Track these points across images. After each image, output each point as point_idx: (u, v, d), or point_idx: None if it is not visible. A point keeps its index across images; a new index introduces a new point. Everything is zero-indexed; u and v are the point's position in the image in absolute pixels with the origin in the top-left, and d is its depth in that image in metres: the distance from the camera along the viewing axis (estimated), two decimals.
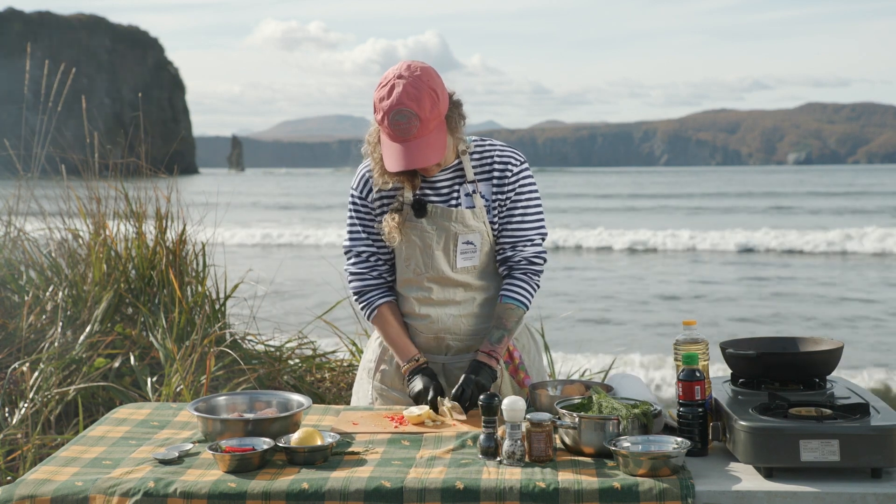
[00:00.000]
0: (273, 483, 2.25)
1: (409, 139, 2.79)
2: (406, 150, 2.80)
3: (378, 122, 2.85)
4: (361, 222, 3.06)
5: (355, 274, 3.08)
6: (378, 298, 3.06)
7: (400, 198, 2.98)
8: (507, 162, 3.00)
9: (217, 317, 5.31)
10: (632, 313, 14.03)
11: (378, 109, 2.82)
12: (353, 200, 3.08)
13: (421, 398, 2.90)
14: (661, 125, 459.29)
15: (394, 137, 2.81)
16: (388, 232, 2.96)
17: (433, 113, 2.80)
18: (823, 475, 2.27)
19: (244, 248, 24.40)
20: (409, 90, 2.77)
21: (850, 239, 23.86)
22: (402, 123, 2.78)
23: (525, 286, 3.01)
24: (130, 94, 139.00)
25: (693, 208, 43.14)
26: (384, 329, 3.05)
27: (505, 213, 3.00)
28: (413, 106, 2.77)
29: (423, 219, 2.96)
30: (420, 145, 2.80)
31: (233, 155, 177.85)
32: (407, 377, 2.99)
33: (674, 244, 24.94)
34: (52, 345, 4.90)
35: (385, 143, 2.85)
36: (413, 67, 2.82)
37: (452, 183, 2.99)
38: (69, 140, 6.10)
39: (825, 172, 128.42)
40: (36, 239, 5.77)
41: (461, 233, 2.96)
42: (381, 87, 2.82)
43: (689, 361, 2.47)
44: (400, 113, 2.77)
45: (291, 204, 52.44)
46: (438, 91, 2.82)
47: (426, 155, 2.81)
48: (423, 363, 2.99)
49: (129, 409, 2.98)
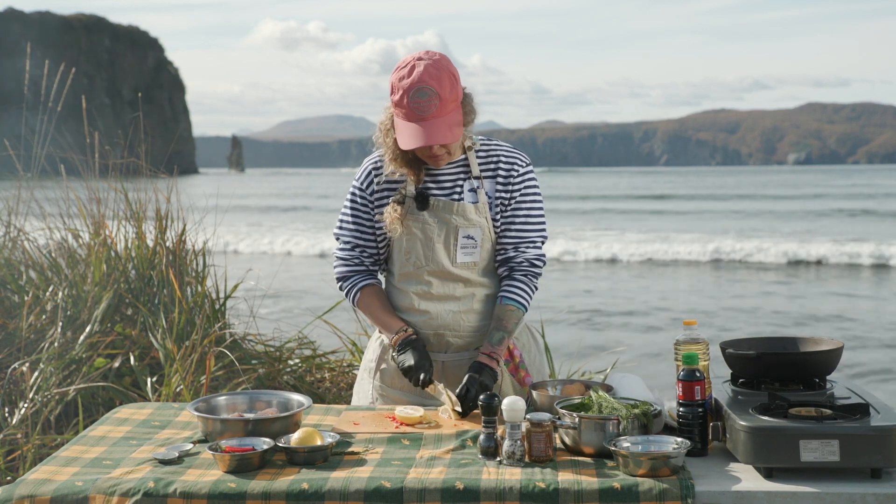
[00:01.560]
0: (273, 483, 2.25)
1: (426, 118, 2.81)
2: (423, 128, 2.82)
3: (395, 103, 2.86)
4: (354, 213, 3.08)
5: (341, 259, 3.12)
6: (360, 281, 3.08)
7: (403, 190, 2.99)
8: (514, 162, 3.02)
9: (217, 317, 5.31)
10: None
11: (397, 89, 2.84)
12: (353, 191, 3.10)
13: (410, 374, 2.89)
14: (661, 125, 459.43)
15: (411, 117, 2.83)
16: (390, 223, 2.97)
17: (452, 94, 2.85)
18: (823, 475, 2.27)
19: (247, 252, 24.28)
20: (431, 70, 2.82)
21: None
22: (422, 101, 2.80)
23: (525, 288, 3.02)
24: (130, 94, 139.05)
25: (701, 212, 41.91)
26: (370, 309, 3.06)
27: (508, 214, 3.01)
28: (434, 84, 2.81)
29: (425, 211, 2.97)
30: (437, 124, 2.82)
31: (233, 155, 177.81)
32: (396, 349, 2.96)
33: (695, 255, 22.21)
34: (51, 345, 4.90)
35: (400, 125, 2.86)
36: (432, 53, 2.88)
37: (456, 178, 3.00)
38: (69, 140, 6.09)
39: (825, 173, 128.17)
40: (36, 239, 5.77)
41: (462, 226, 2.97)
42: (400, 68, 2.86)
43: (690, 361, 2.47)
44: (420, 91, 2.80)
45: (308, 206, 50.58)
46: (456, 75, 2.87)
47: (444, 133, 2.83)
48: (412, 334, 2.97)
49: (130, 408, 2.99)
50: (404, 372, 2.92)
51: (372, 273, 3.12)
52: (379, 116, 2.99)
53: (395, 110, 2.88)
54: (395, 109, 2.88)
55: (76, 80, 6.37)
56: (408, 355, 2.92)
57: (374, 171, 3.06)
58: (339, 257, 3.12)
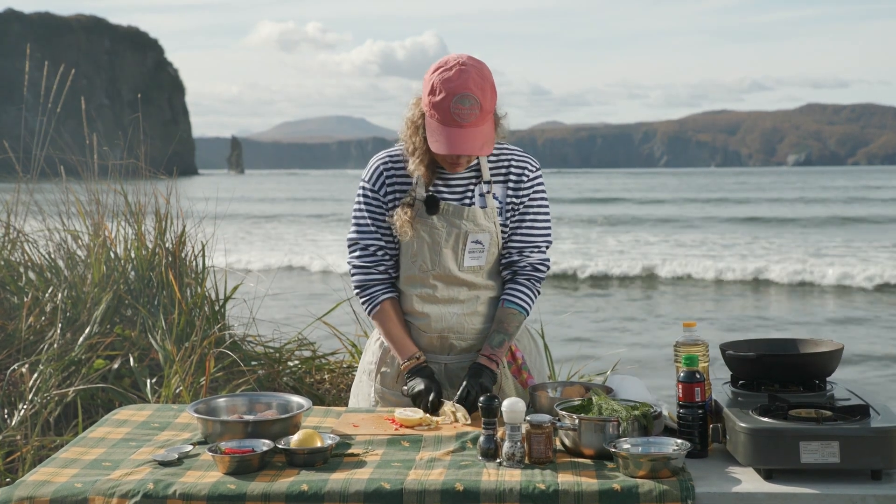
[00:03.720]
0: (272, 485, 2.25)
1: (464, 125, 2.79)
2: (459, 135, 2.79)
3: (433, 104, 2.81)
4: (371, 215, 3.02)
5: (359, 268, 3.04)
6: (381, 294, 3.03)
7: (412, 193, 2.97)
8: (525, 167, 3.01)
9: (216, 318, 5.31)
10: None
11: (440, 90, 2.79)
12: (365, 192, 3.03)
13: (420, 399, 2.89)
14: (660, 126, 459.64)
15: (448, 121, 2.80)
16: (400, 226, 2.94)
17: (491, 105, 2.84)
18: (823, 477, 2.27)
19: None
20: (476, 78, 2.80)
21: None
22: (463, 108, 2.78)
23: (528, 292, 3.02)
24: (130, 96, 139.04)
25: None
26: (386, 325, 3.02)
27: (516, 219, 3.01)
28: (478, 93, 2.79)
29: (434, 216, 2.96)
30: (473, 134, 2.80)
31: (232, 156, 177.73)
32: (406, 375, 2.97)
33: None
34: (51, 346, 4.89)
35: (435, 127, 2.82)
36: (475, 59, 2.85)
37: (468, 182, 2.99)
38: (68, 141, 6.09)
39: (825, 174, 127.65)
40: (35, 240, 5.77)
41: (472, 231, 2.95)
42: (444, 69, 2.82)
43: (690, 363, 2.47)
44: (465, 97, 2.78)
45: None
46: (495, 87, 2.86)
47: (479, 144, 2.81)
48: (423, 362, 2.98)
49: (130, 410, 2.98)
50: (413, 398, 2.91)
51: (391, 282, 3.06)
52: (405, 112, 2.95)
53: (431, 111, 2.83)
54: (432, 111, 2.83)
55: (75, 80, 6.37)
56: (417, 381, 2.91)
57: (384, 171, 3.02)
58: (355, 266, 3.04)
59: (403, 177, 3.00)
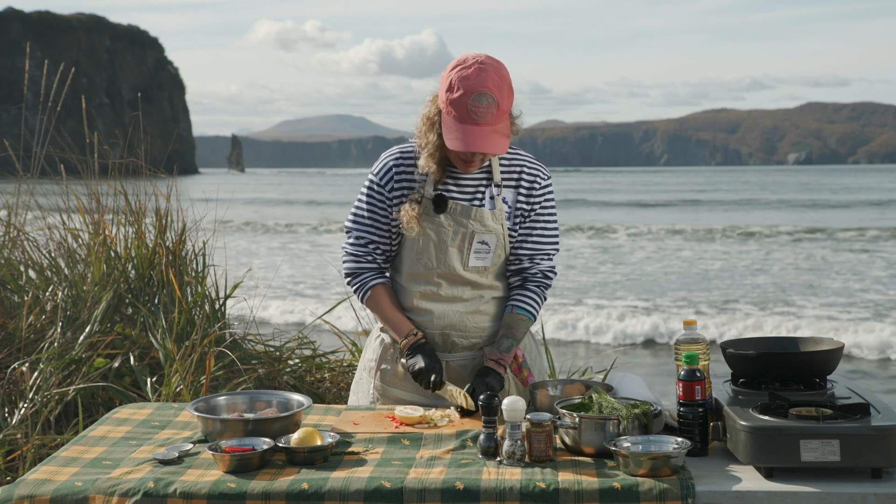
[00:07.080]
0: (273, 483, 2.25)
1: (480, 124, 2.79)
2: (475, 133, 2.80)
3: (451, 101, 2.82)
4: (370, 209, 3.03)
5: (351, 254, 3.06)
6: (371, 279, 3.05)
7: (421, 190, 2.97)
8: (537, 175, 3.03)
9: (217, 317, 5.31)
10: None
11: (459, 87, 2.80)
12: (371, 186, 3.04)
13: (421, 377, 2.88)
14: (661, 125, 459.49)
15: (465, 119, 2.80)
16: (406, 222, 2.95)
17: (508, 105, 2.85)
18: (824, 475, 2.27)
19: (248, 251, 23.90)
20: (494, 77, 2.80)
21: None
22: (481, 107, 2.78)
23: (537, 299, 3.04)
24: (130, 94, 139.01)
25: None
26: (379, 308, 3.03)
27: (527, 226, 3.02)
28: (496, 93, 2.80)
29: (442, 214, 2.96)
30: (489, 133, 2.81)
31: (232, 155, 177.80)
32: (406, 353, 2.97)
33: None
34: (51, 345, 4.89)
35: (451, 124, 2.83)
36: (492, 58, 2.85)
37: (478, 183, 2.99)
38: (68, 140, 6.09)
39: (825, 173, 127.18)
40: (35, 239, 5.77)
41: (478, 232, 2.96)
42: (462, 67, 2.82)
43: (690, 361, 2.47)
44: (483, 95, 2.78)
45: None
46: (512, 87, 2.86)
47: (494, 143, 2.82)
48: (422, 338, 2.97)
49: (130, 408, 2.98)
50: (414, 375, 2.91)
51: (382, 270, 3.09)
52: (421, 108, 2.95)
53: (448, 108, 2.84)
54: (448, 107, 2.83)
55: (76, 79, 6.38)
56: (417, 359, 2.92)
57: (394, 167, 3.02)
58: (349, 252, 3.07)
59: (413, 175, 3.00)
